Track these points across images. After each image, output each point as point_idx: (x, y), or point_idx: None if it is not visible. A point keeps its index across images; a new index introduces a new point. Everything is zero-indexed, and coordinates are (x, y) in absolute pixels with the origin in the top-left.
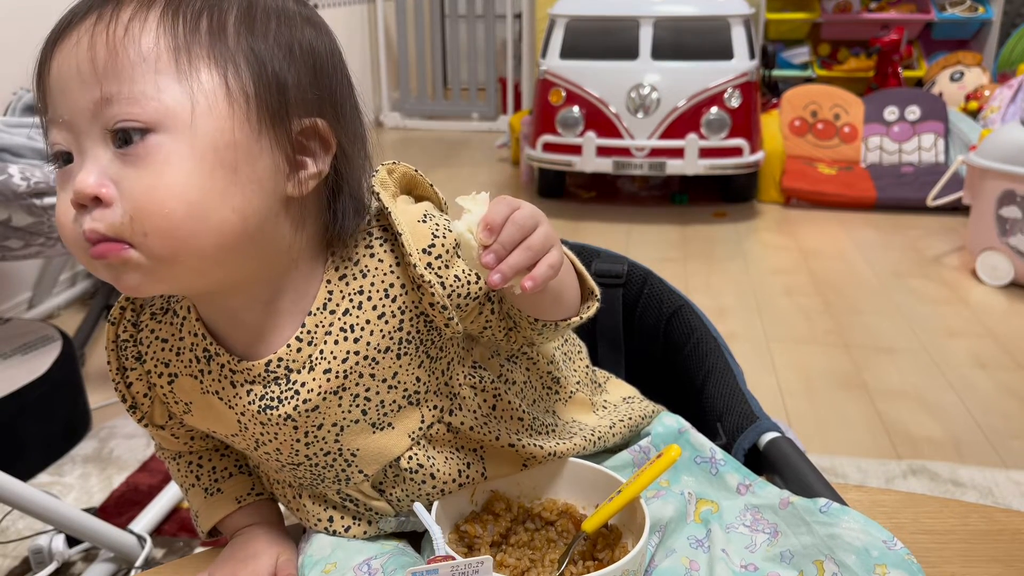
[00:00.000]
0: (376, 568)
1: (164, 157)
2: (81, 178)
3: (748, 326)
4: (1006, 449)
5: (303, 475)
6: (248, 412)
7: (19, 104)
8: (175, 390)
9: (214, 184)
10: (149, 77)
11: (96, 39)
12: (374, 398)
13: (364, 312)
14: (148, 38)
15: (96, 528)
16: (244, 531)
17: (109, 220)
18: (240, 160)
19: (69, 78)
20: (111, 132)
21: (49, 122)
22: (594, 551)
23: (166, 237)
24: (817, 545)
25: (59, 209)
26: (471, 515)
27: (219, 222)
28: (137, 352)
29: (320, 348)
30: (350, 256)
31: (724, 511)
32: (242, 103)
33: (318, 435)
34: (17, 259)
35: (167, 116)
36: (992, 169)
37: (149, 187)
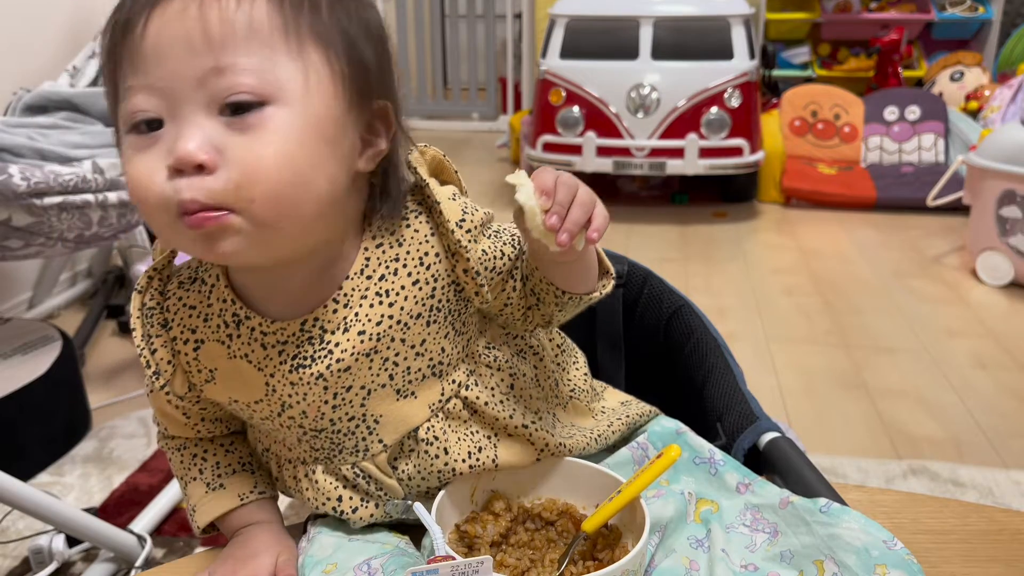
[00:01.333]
0: (376, 568)
1: (276, 127)
2: (183, 145)
3: (748, 326)
4: (1006, 449)
5: (322, 444)
6: (279, 372)
7: (19, 104)
8: (200, 357)
9: (317, 155)
10: (264, 51)
11: (207, 10)
12: (401, 363)
13: (399, 278)
14: (260, 13)
15: (96, 528)
16: (244, 530)
17: (210, 187)
18: (337, 134)
19: (173, 45)
20: (220, 101)
21: (134, 87)
22: (594, 551)
23: (273, 203)
24: (817, 545)
25: (141, 172)
26: (471, 515)
27: (317, 191)
28: (164, 319)
29: (355, 311)
30: (387, 227)
31: (724, 511)
32: (340, 82)
33: (346, 397)
34: (17, 259)
35: (281, 89)
36: (992, 169)
37: (260, 155)
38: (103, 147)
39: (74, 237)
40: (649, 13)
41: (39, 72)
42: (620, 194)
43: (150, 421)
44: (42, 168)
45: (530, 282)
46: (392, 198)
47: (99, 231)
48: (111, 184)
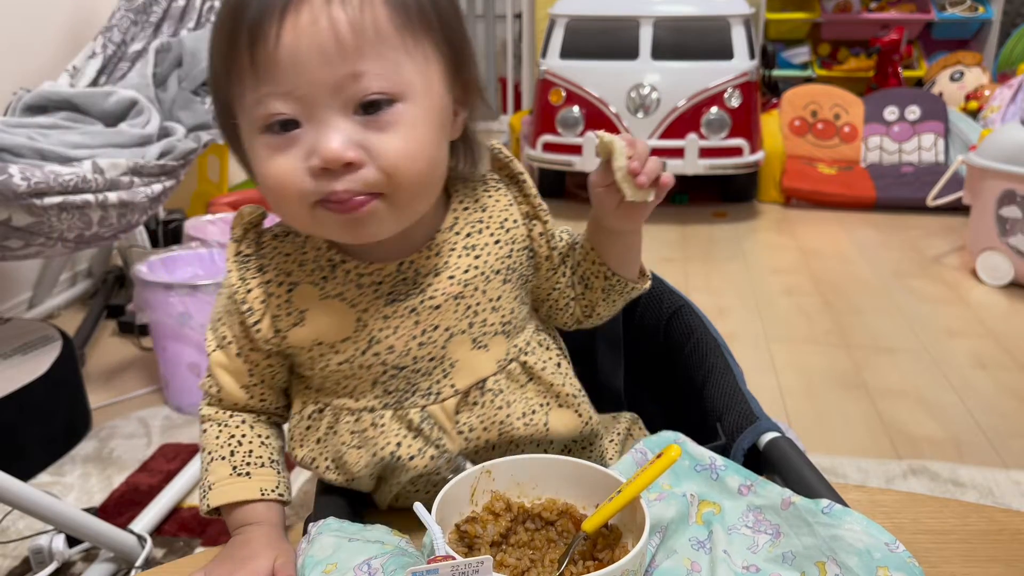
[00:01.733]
0: (376, 568)
1: (409, 122)
2: (328, 146)
3: (748, 326)
4: (1006, 449)
5: (397, 386)
6: (373, 307)
7: (19, 104)
8: (292, 298)
9: (438, 140)
10: (390, 54)
11: (335, 20)
12: (480, 313)
13: (483, 236)
14: (381, 16)
15: (96, 528)
16: (246, 529)
17: (364, 178)
18: (446, 117)
19: (310, 56)
20: (355, 102)
21: (270, 93)
22: (594, 551)
23: (415, 188)
24: (819, 546)
25: (283, 170)
26: (471, 515)
27: (441, 170)
28: (259, 265)
29: (445, 260)
30: (472, 195)
31: (726, 512)
32: (445, 67)
33: (432, 336)
34: (17, 259)
35: (408, 87)
36: (992, 169)
37: (401, 148)
38: (103, 147)
39: (74, 237)
40: (649, 13)
41: (39, 72)
42: None
43: (150, 421)
44: (42, 168)
45: (581, 267)
46: (473, 158)
47: (99, 231)
48: (111, 184)
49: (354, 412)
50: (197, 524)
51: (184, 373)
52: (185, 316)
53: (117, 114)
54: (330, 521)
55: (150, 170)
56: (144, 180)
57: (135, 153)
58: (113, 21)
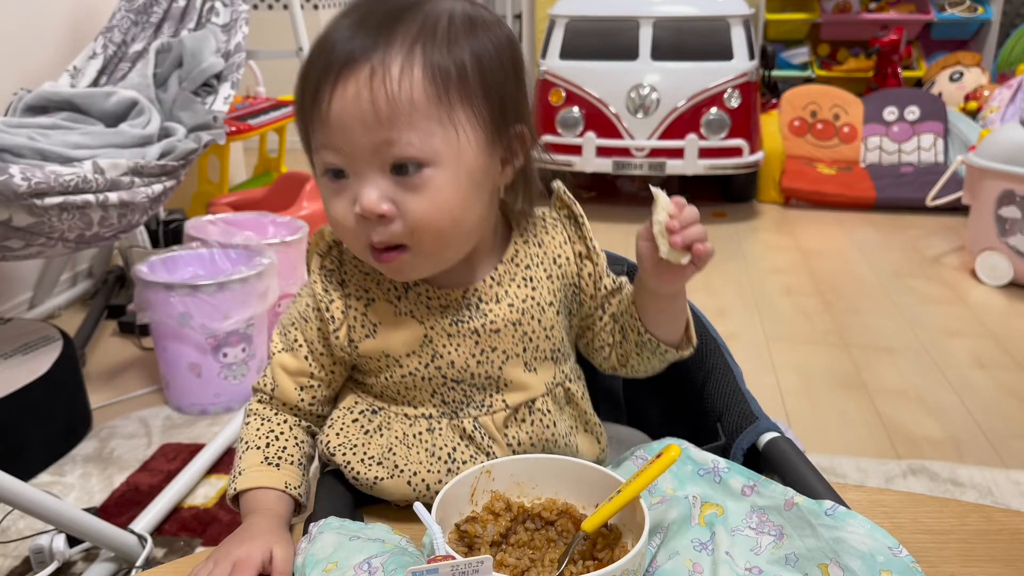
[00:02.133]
0: (377, 567)
1: (436, 185)
2: (367, 198)
3: (748, 326)
4: (1005, 449)
5: (454, 397)
6: (439, 325)
7: (19, 104)
8: (369, 312)
9: (468, 199)
10: (422, 124)
11: (376, 93)
12: (534, 340)
13: (539, 269)
14: (417, 91)
15: (97, 528)
16: (253, 516)
17: (392, 231)
18: (482, 176)
19: (353, 122)
20: (390, 163)
21: (324, 145)
22: (594, 551)
23: (436, 242)
24: (822, 548)
25: (339, 213)
26: (471, 515)
27: (469, 226)
28: (341, 279)
29: (506, 288)
30: (531, 230)
31: (729, 514)
32: (483, 127)
33: (490, 356)
34: (18, 259)
35: (437, 153)
36: (991, 169)
37: (426, 209)
38: (104, 147)
39: (75, 237)
40: (649, 13)
41: (39, 72)
42: (620, 194)
43: (150, 421)
44: (43, 168)
45: (622, 318)
46: (529, 199)
47: (100, 231)
48: (112, 184)
49: (411, 417)
50: (197, 524)
51: (184, 373)
52: (185, 316)
53: (118, 114)
54: (331, 520)
55: (150, 170)
56: (144, 180)
57: (136, 153)
58: (114, 21)
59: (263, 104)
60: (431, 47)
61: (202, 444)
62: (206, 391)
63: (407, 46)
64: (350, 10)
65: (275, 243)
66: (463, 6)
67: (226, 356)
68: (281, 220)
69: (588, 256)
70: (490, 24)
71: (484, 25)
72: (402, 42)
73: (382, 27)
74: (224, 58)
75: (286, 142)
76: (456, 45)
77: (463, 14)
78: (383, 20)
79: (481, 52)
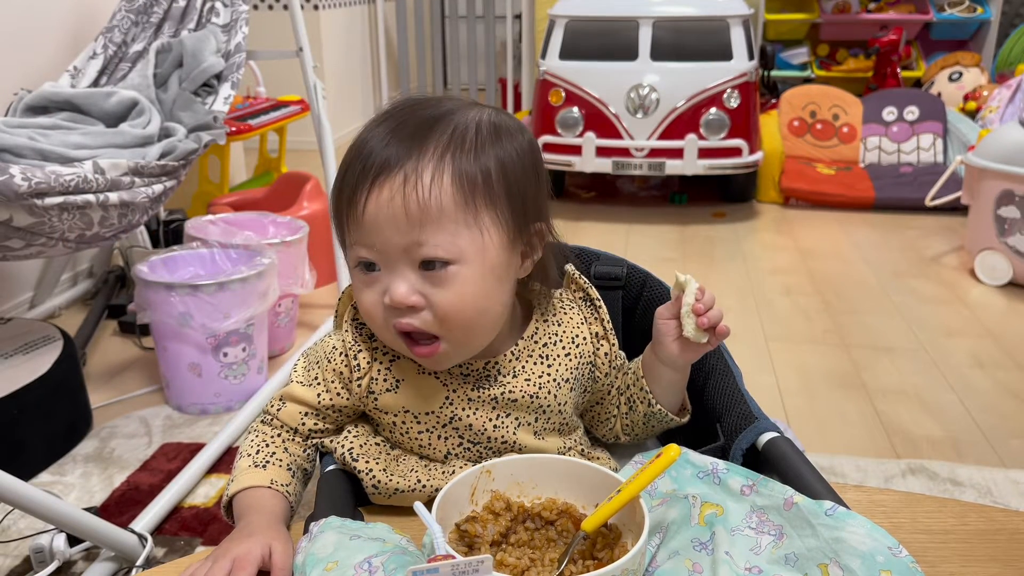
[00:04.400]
0: (377, 566)
1: (462, 280)
2: (397, 291)
3: (747, 326)
4: (1005, 448)
5: (469, 454)
6: (460, 390)
7: (20, 105)
8: (393, 368)
9: (491, 292)
10: (449, 227)
11: (408, 200)
12: (547, 412)
13: (557, 348)
14: (446, 197)
15: (97, 527)
16: (248, 515)
17: (422, 319)
18: (504, 271)
19: (385, 223)
20: (418, 260)
21: (357, 242)
22: (594, 550)
23: (464, 331)
24: (822, 548)
25: (370, 304)
26: (471, 514)
27: (493, 315)
28: (370, 334)
29: (523, 364)
30: (551, 310)
31: (729, 513)
32: (505, 230)
33: (505, 422)
34: (18, 259)
35: (463, 253)
36: (990, 169)
37: (452, 301)
38: (104, 147)
39: (75, 237)
40: (648, 14)
41: (40, 72)
42: (619, 194)
43: (151, 421)
44: (43, 168)
45: (629, 391)
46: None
47: (100, 231)
48: (112, 184)
49: (423, 461)
50: (198, 523)
51: (184, 373)
52: (186, 316)
53: (118, 114)
54: (332, 519)
55: (151, 170)
56: (145, 180)
57: (136, 153)
58: (114, 22)
59: (263, 104)
60: (459, 156)
61: (202, 444)
62: (206, 391)
63: (438, 155)
64: (385, 118)
65: (275, 243)
66: (489, 114)
67: (226, 356)
68: (281, 220)
69: (604, 337)
70: (513, 132)
71: (508, 133)
72: (433, 151)
73: (415, 137)
74: (224, 58)
75: (286, 142)
76: (483, 153)
77: (489, 123)
78: (416, 130)
79: (505, 159)
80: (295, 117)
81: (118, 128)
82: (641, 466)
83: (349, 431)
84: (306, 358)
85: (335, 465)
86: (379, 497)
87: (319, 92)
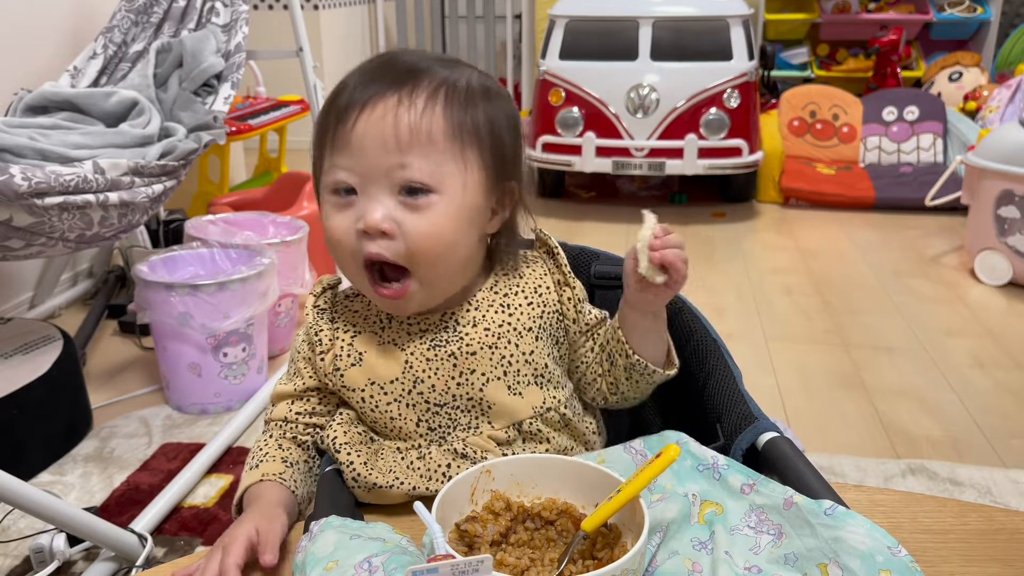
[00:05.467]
0: (377, 566)
1: (439, 211)
2: (371, 216)
3: (747, 326)
4: (1005, 448)
5: (439, 422)
6: (418, 351)
7: (20, 104)
8: (355, 342)
9: (462, 230)
10: (435, 155)
11: (400, 119)
12: (514, 364)
13: (518, 298)
14: (436, 126)
15: (97, 527)
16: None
17: (393, 249)
18: (477, 215)
19: (373, 143)
20: (399, 185)
21: (339, 165)
22: (594, 550)
23: (431, 266)
24: (821, 548)
25: (339, 227)
26: (471, 514)
27: (461, 255)
28: (331, 316)
29: (483, 313)
30: (512, 264)
31: (729, 513)
32: (485, 173)
33: (469, 379)
34: (18, 259)
35: (445, 183)
36: (990, 169)
37: (426, 231)
38: (104, 147)
39: (75, 237)
40: (648, 14)
41: (40, 72)
42: (619, 194)
43: (151, 421)
44: (43, 168)
45: (609, 345)
46: (510, 251)
47: (100, 231)
48: (112, 184)
49: (402, 451)
50: (198, 523)
51: (184, 373)
52: (186, 316)
53: (118, 114)
54: (332, 519)
55: (151, 170)
56: (145, 180)
57: (136, 153)
58: (114, 21)
59: (263, 104)
60: (452, 96)
61: (202, 444)
62: (206, 391)
63: (432, 88)
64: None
65: (275, 243)
66: (480, 77)
67: (226, 356)
68: (281, 220)
69: (566, 283)
70: (502, 96)
71: (497, 95)
72: (427, 85)
73: (409, 73)
74: (224, 58)
75: (286, 142)
76: (473, 104)
77: (480, 83)
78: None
79: (493, 115)
80: (295, 117)
81: (118, 128)
82: (638, 457)
83: (337, 418)
84: (289, 358)
85: (335, 465)
86: (359, 491)
87: (319, 92)
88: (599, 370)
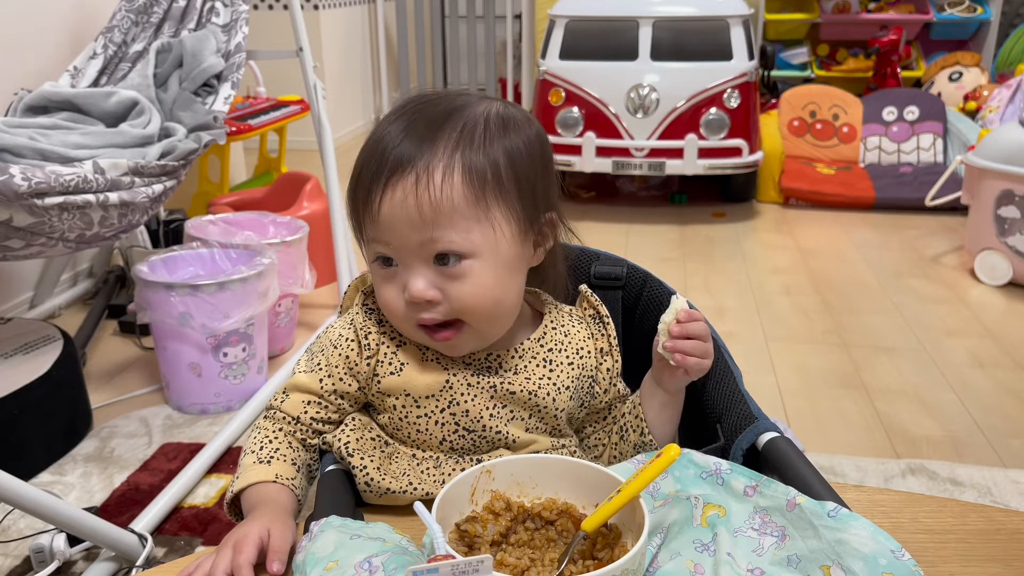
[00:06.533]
0: (377, 566)
1: (476, 273)
2: (415, 287)
3: (747, 326)
4: (1005, 448)
5: (463, 444)
6: (461, 374)
7: (20, 104)
8: (399, 352)
9: (506, 283)
10: (462, 223)
11: (420, 199)
12: (542, 413)
13: (560, 356)
14: (457, 195)
15: (97, 527)
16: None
17: (443, 311)
18: (517, 262)
19: (400, 222)
20: (433, 255)
21: (374, 239)
22: (594, 550)
23: (485, 317)
24: (824, 550)
25: (389, 298)
26: (471, 514)
27: (509, 303)
28: (379, 319)
29: (526, 363)
30: (560, 319)
31: (732, 515)
32: (517, 223)
33: (501, 413)
34: (18, 259)
35: (476, 247)
36: (990, 169)
37: (469, 294)
38: (104, 147)
39: (75, 237)
40: (648, 14)
41: (40, 72)
42: (619, 194)
43: (151, 421)
44: (43, 168)
45: (623, 419)
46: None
47: (100, 231)
48: (112, 184)
49: (418, 458)
50: (198, 523)
51: (185, 373)
52: (186, 316)
53: (118, 114)
54: (332, 519)
55: (151, 170)
56: (145, 180)
57: (136, 153)
58: (114, 21)
59: (263, 104)
60: (469, 151)
61: (202, 444)
62: (206, 391)
63: (448, 152)
64: (398, 115)
65: (275, 243)
66: (497, 107)
67: (226, 356)
68: (281, 220)
69: (609, 353)
70: (521, 123)
71: (516, 125)
72: (444, 148)
73: (426, 134)
74: (224, 58)
75: (286, 142)
76: (491, 147)
77: (497, 116)
78: (427, 127)
79: (513, 150)
80: (295, 117)
81: (118, 128)
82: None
83: (347, 423)
84: (310, 349)
85: (335, 465)
86: (370, 496)
87: (319, 92)
88: (605, 440)
